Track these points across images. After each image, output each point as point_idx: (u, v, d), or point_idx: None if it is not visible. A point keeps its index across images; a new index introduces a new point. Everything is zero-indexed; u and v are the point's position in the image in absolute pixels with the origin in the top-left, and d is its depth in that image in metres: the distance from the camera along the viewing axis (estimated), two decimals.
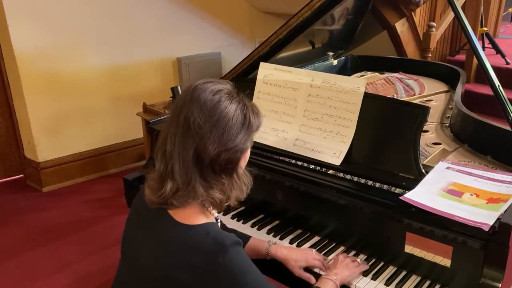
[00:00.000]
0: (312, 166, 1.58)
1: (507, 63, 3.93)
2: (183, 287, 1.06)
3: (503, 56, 3.99)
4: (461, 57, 4.19)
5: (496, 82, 1.68)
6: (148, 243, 1.14)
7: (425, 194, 1.33)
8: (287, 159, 1.63)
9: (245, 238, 1.44)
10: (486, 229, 1.16)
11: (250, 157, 1.17)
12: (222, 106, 1.08)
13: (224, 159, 1.09)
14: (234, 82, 1.86)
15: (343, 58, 2.65)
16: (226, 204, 1.16)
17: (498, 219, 1.19)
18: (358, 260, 1.39)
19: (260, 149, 1.67)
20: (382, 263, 1.41)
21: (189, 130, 1.07)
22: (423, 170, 1.42)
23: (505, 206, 1.23)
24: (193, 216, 1.11)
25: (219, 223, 1.22)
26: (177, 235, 1.09)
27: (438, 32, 3.76)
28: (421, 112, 1.43)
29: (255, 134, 1.17)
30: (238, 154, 1.11)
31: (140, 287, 1.16)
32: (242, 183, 1.16)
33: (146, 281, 1.13)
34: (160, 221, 1.13)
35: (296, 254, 1.41)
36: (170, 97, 3.27)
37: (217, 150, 1.07)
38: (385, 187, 1.42)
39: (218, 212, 1.52)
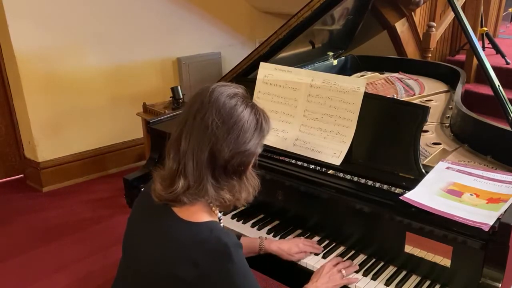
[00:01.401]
0: (312, 166, 1.57)
1: (507, 63, 3.93)
2: (184, 285, 1.07)
3: (503, 56, 3.99)
4: (461, 57, 4.19)
5: (496, 82, 1.68)
6: (150, 241, 1.15)
7: (425, 194, 1.33)
8: (287, 159, 1.63)
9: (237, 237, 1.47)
10: (486, 229, 1.16)
11: None
12: (239, 110, 1.12)
13: (237, 161, 1.12)
14: (234, 82, 1.86)
15: (343, 58, 2.65)
16: (233, 205, 1.19)
17: (498, 219, 1.19)
18: (344, 272, 1.37)
19: None
20: (382, 263, 1.41)
21: (206, 130, 1.10)
22: (423, 170, 1.42)
23: (505, 206, 1.23)
24: (198, 213, 1.13)
25: (221, 223, 1.23)
26: (180, 231, 1.11)
27: (438, 32, 3.76)
28: (421, 112, 1.43)
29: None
30: (250, 157, 1.15)
31: (141, 286, 1.16)
32: (250, 185, 1.19)
33: (147, 279, 1.14)
34: (163, 218, 1.14)
35: (288, 245, 1.48)
36: (170, 97, 3.28)
37: (232, 152, 1.10)
38: (385, 187, 1.42)
39: (224, 214, 1.53)
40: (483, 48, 4.11)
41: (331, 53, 2.56)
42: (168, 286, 1.10)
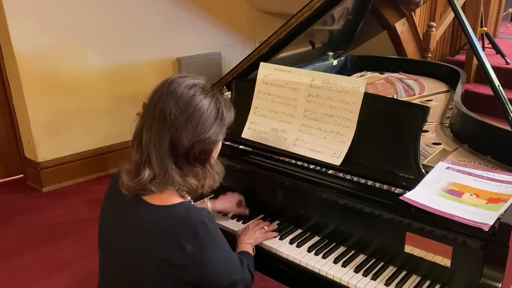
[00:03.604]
0: (312, 166, 1.57)
1: (507, 63, 3.93)
2: (171, 266, 1.10)
3: (503, 56, 4.00)
4: (461, 57, 4.19)
5: (496, 82, 1.68)
6: (129, 233, 1.17)
7: (425, 194, 1.33)
8: (287, 159, 1.63)
9: None
10: (486, 229, 1.16)
11: (250, 157, 1.20)
12: (197, 99, 1.15)
13: (198, 149, 1.16)
14: (234, 82, 1.86)
15: (343, 58, 2.66)
16: (200, 191, 1.23)
17: (498, 219, 1.19)
18: (266, 227, 1.55)
19: (260, 149, 1.67)
20: (382, 263, 1.41)
21: (165, 121, 1.13)
22: (423, 170, 1.42)
23: (505, 206, 1.23)
24: (169, 198, 1.16)
25: None
26: (156, 215, 1.14)
27: (438, 32, 3.76)
28: (421, 112, 1.43)
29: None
30: (211, 146, 1.19)
31: (128, 278, 1.17)
32: (214, 172, 1.24)
33: (134, 271, 1.15)
34: (136, 208, 1.17)
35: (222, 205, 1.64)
36: None
37: (191, 141, 1.14)
38: (385, 187, 1.42)
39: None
40: (483, 48, 4.12)
41: (331, 53, 2.56)
42: (157, 272, 1.12)
